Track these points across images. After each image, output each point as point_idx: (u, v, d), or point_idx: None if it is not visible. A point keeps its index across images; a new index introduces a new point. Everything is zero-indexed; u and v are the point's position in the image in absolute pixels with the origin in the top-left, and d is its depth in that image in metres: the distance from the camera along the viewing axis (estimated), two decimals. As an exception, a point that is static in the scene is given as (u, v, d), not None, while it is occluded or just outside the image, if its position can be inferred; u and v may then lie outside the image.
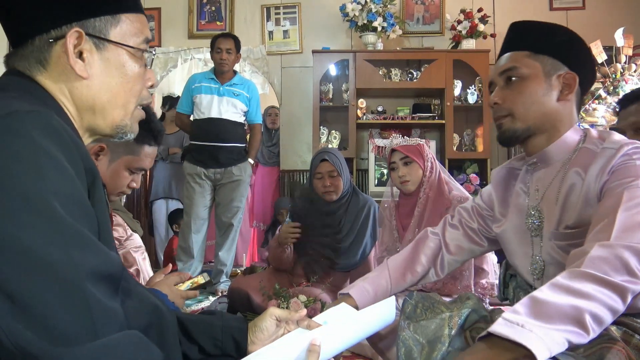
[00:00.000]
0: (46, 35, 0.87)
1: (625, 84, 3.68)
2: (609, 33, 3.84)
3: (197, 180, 3.95)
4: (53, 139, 0.74)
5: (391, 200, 2.58)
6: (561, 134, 1.31)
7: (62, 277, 0.68)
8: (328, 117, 4.93)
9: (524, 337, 0.89)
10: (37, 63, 0.88)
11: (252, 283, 2.69)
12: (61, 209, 0.70)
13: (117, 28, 0.91)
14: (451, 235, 1.59)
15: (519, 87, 1.30)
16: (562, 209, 1.26)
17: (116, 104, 0.93)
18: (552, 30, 1.34)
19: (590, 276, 0.97)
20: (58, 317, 0.67)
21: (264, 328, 1.11)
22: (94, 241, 0.75)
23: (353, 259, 2.71)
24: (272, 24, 5.14)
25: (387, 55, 4.75)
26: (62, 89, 0.89)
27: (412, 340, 1.24)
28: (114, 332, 0.72)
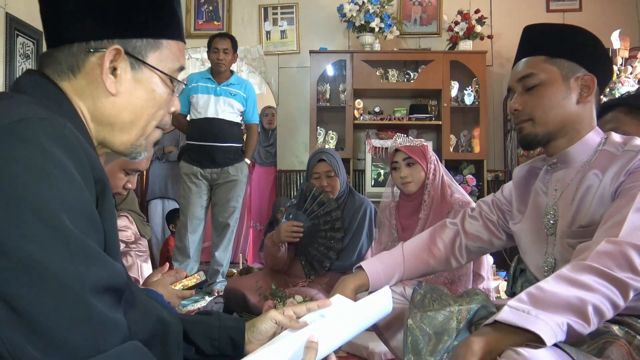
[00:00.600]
0: (86, 44, 0.87)
1: (621, 85, 3.68)
2: (605, 35, 3.84)
3: (193, 180, 3.95)
4: (63, 147, 0.73)
5: (391, 200, 2.58)
6: (582, 135, 1.31)
7: (66, 290, 0.68)
8: (325, 118, 4.93)
9: (530, 322, 0.93)
10: (68, 69, 0.87)
11: (248, 283, 2.69)
12: (68, 220, 0.70)
13: (155, 52, 0.92)
14: (471, 225, 1.60)
15: (538, 93, 1.31)
16: (577, 209, 1.27)
17: (136, 125, 0.93)
18: (566, 33, 1.34)
19: (594, 269, 1.00)
20: (60, 331, 0.67)
21: (263, 330, 1.10)
22: (100, 253, 0.74)
23: (349, 259, 2.71)
24: (270, 24, 5.14)
25: (384, 56, 4.76)
26: (86, 100, 0.89)
27: (420, 330, 1.26)
28: (116, 344, 0.72)
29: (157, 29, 0.92)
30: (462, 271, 2.26)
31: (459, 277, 2.26)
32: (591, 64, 1.31)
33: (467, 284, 2.25)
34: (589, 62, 1.31)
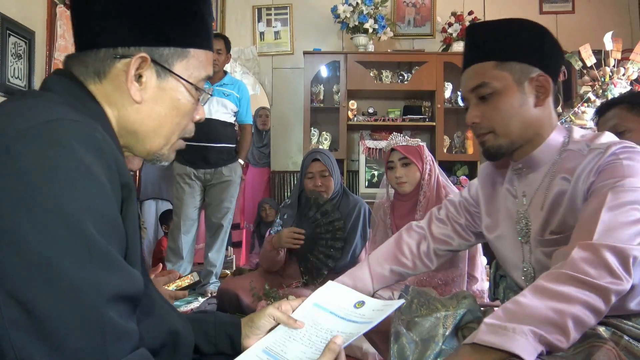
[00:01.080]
0: (113, 50, 0.86)
1: (614, 87, 3.70)
2: (598, 37, 3.86)
3: (186, 180, 3.93)
4: (94, 152, 0.73)
5: (386, 200, 2.57)
6: (545, 137, 1.27)
7: (82, 297, 0.68)
8: (319, 119, 4.93)
9: (509, 342, 0.90)
10: (94, 73, 0.87)
11: (242, 284, 2.68)
12: (92, 226, 0.70)
13: (182, 61, 0.91)
14: (438, 229, 1.57)
15: (494, 103, 1.25)
16: (547, 216, 1.24)
17: (160, 134, 0.93)
18: (512, 32, 1.28)
19: (573, 278, 0.97)
20: (71, 338, 0.67)
21: (261, 326, 1.11)
22: (120, 262, 0.74)
23: (343, 260, 2.70)
24: (264, 25, 5.13)
25: (378, 57, 4.76)
26: (112, 105, 0.89)
27: (406, 337, 1.23)
28: (125, 354, 0.71)
29: (186, 38, 0.91)
30: (456, 272, 2.26)
31: (452, 279, 2.25)
32: (542, 61, 1.26)
33: (462, 285, 2.24)
34: (539, 60, 1.26)
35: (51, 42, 3.78)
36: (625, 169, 1.09)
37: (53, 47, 3.78)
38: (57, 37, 3.79)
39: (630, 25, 4.98)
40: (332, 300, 1.15)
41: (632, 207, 1.04)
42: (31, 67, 3.59)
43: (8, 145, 0.69)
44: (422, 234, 1.57)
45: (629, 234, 1.02)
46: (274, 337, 1.05)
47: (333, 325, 1.06)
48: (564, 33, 4.96)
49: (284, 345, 1.02)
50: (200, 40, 0.94)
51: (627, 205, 1.04)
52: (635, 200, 1.05)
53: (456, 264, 2.25)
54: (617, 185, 1.07)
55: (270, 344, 1.03)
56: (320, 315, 1.10)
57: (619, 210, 1.04)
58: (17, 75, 3.46)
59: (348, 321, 1.08)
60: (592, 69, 3.82)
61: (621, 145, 1.14)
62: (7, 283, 0.65)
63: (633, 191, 1.06)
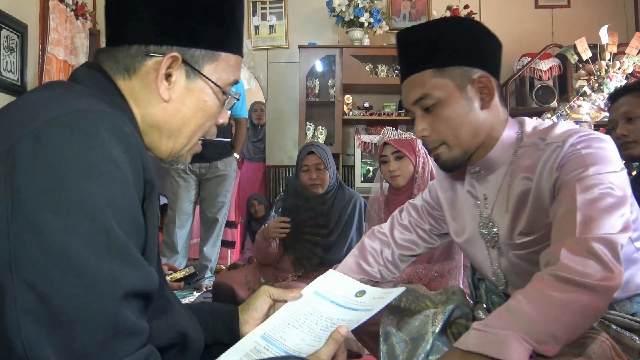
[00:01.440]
0: (145, 47, 0.87)
1: (609, 81, 3.70)
2: (593, 31, 3.87)
3: (181, 174, 3.92)
4: (122, 145, 0.73)
5: (380, 194, 2.57)
6: (497, 137, 1.22)
7: (100, 291, 0.67)
8: (314, 113, 4.91)
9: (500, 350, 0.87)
10: (124, 69, 0.88)
11: (237, 278, 2.67)
12: (114, 220, 0.69)
13: (212, 64, 0.92)
14: (402, 236, 1.52)
15: (440, 114, 1.19)
16: (513, 217, 1.20)
17: (183, 134, 0.93)
18: (445, 35, 1.20)
19: (567, 281, 0.92)
20: (83, 331, 0.66)
21: (258, 306, 1.11)
22: (138, 257, 0.73)
23: (339, 253, 2.69)
24: (259, 19, 5.11)
25: (373, 51, 4.74)
26: (138, 102, 0.89)
27: (396, 336, 1.21)
28: (133, 351, 0.71)
29: (218, 41, 0.92)
30: (452, 264, 2.25)
31: (449, 271, 2.25)
32: (481, 60, 1.20)
33: (458, 277, 2.24)
34: (478, 60, 1.19)
35: (44, 35, 3.75)
36: (587, 158, 1.06)
37: (46, 40, 3.75)
38: (50, 31, 3.76)
39: (626, 18, 4.98)
40: (332, 289, 1.14)
41: (604, 192, 1.01)
42: (24, 61, 3.57)
43: (38, 132, 0.68)
44: (385, 241, 1.53)
45: (610, 221, 0.98)
46: (273, 323, 1.04)
47: (333, 313, 1.05)
48: (559, 27, 4.97)
49: (283, 332, 1.01)
50: (232, 45, 0.94)
51: (598, 192, 1.01)
52: (605, 185, 1.02)
53: (452, 256, 2.25)
54: (583, 175, 1.04)
55: (269, 330, 1.02)
56: (320, 304, 1.09)
57: (592, 199, 1.01)
58: (9, 69, 3.43)
59: (349, 309, 1.07)
60: (587, 62, 3.82)
61: (577, 135, 1.10)
62: (25, 271, 0.65)
63: (600, 178, 1.03)
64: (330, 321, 1.02)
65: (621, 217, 1.00)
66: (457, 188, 1.39)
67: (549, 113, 4.21)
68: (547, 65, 4.55)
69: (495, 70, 1.23)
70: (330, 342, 0.92)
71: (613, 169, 1.05)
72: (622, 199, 1.02)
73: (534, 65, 4.53)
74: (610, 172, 1.04)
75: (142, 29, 0.87)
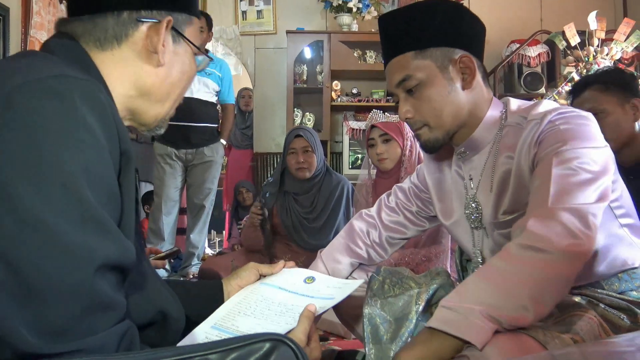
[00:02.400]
0: (136, 13, 0.86)
1: (597, 67, 3.69)
2: (582, 17, 3.86)
3: (167, 160, 3.87)
4: (97, 112, 0.71)
5: (368, 179, 2.56)
6: (481, 117, 1.22)
7: (74, 262, 0.65)
8: (302, 99, 4.88)
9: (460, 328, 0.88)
10: (113, 37, 0.86)
11: (223, 263, 2.66)
12: (88, 188, 0.67)
13: (190, 27, 0.94)
14: (390, 217, 1.51)
15: (422, 95, 1.19)
16: (497, 197, 1.20)
17: (171, 97, 0.95)
18: (426, 17, 1.20)
19: (528, 248, 0.93)
20: (57, 304, 0.64)
21: (244, 276, 1.13)
22: (114, 228, 0.71)
23: (326, 238, 2.68)
24: (246, 4, 5.05)
25: (362, 37, 4.71)
26: (127, 69, 0.88)
27: (380, 317, 1.21)
28: (110, 325, 0.69)
29: (193, 5, 0.95)
30: (439, 249, 2.25)
31: (436, 255, 2.24)
32: (462, 40, 1.20)
33: (445, 261, 2.24)
34: (458, 40, 1.20)
35: (26, 19, 3.67)
36: (565, 133, 1.06)
37: (28, 24, 3.67)
38: (33, 14, 3.68)
39: (614, 4, 4.98)
40: (279, 278, 1.14)
41: (580, 167, 1.01)
42: (6, 45, 3.50)
43: (8, 97, 0.66)
44: (373, 223, 1.52)
45: (585, 193, 0.98)
46: (222, 313, 1.01)
47: (286, 299, 1.05)
48: (547, 12, 4.96)
49: (234, 319, 0.99)
50: (198, 10, 0.98)
51: (575, 166, 1.01)
52: (582, 160, 1.02)
53: (439, 240, 2.25)
54: (560, 149, 1.04)
55: (219, 320, 0.99)
56: (269, 291, 1.08)
57: (568, 172, 1.01)
58: (-9, 52, 3.37)
59: (301, 295, 1.06)
60: (576, 48, 3.81)
61: (556, 112, 1.10)
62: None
63: (577, 152, 1.03)
64: (284, 307, 1.01)
65: (596, 190, 0.99)
66: (444, 170, 1.39)
67: (537, 99, 4.21)
68: (535, 51, 4.55)
69: (477, 50, 1.23)
70: (303, 320, 0.91)
71: (592, 144, 1.05)
72: (599, 174, 1.02)
73: (523, 51, 4.53)
74: (589, 147, 1.04)
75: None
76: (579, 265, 0.95)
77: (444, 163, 1.39)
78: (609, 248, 1.11)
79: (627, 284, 1.13)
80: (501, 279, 0.93)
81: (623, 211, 1.14)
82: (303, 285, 1.11)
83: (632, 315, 1.07)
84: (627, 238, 1.14)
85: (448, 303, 0.94)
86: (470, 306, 0.90)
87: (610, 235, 1.11)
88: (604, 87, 1.99)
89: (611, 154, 1.08)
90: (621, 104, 1.96)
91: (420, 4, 1.24)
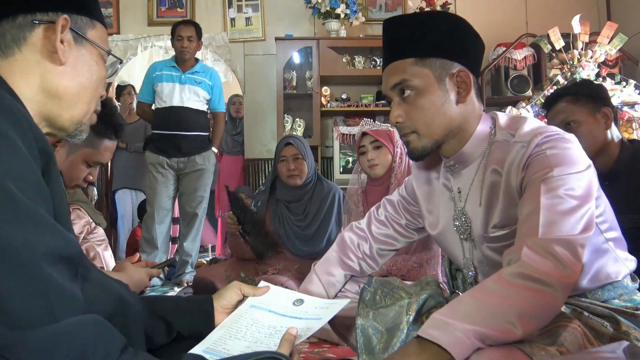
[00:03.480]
0: (31, 15, 0.87)
1: (582, 70, 3.76)
2: (566, 20, 3.91)
3: (159, 169, 3.89)
4: (7, 118, 0.72)
5: (358, 187, 2.59)
6: (471, 132, 1.25)
7: (17, 257, 0.66)
8: (292, 105, 4.91)
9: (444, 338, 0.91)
10: (12, 41, 0.87)
11: (217, 272, 2.68)
12: (16, 189, 0.69)
13: (92, 31, 0.95)
14: (379, 231, 1.55)
15: (415, 102, 1.21)
16: (486, 211, 1.23)
17: (82, 100, 0.95)
18: (431, 27, 1.22)
19: (524, 276, 0.97)
20: (14, 299, 0.65)
21: (227, 296, 1.14)
22: (50, 221, 0.73)
23: (318, 245, 2.72)
24: (234, 11, 5.07)
25: (350, 43, 4.74)
26: (33, 73, 0.88)
27: (372, 328, 1.23)
28: (73, 315, 0.70)
29: (92, 9, 0.96)
30: (430, 254, 2.29)
31: (427, 261, 2.28)
32: (462, 56, 1.23)
33: (436, 267, 2.27)
34: (459, 55, 1.22)
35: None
36: (551, 159, 1.09)
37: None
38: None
39: (598, 8, 5.05)
40: (268, 300, 1.16)
41: (567, 194, 1.05)
42: None
43: None
44: (363, 236, 1.56)
45: (571, 223, 1.02)
46: (214, 338, 1.03)
47: (275, 322, 1.07)
48: (533, 16, 5.02)
49: (225, 343, 1.01)
50: (101, 15, 0.99)
51: (561, 194, 1.05)
52: (568, 187, 1.05)
53: (429, 246, 2.28)
54: (548, 176, 1.07)
55: (211, 345, 1.01)
56: (259, 315, 1.10)
57: (555, 200, 1.04)
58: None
59: (290, 317, 1.09)
60: (560, 52, 3.87)
61: (543, 135, 1.13)
62: None
63: (563, 179, 1.06)
64: (273, 329, 1.04)
65: (582, 218, 1.03)
66: (432, 182, 1.42)
67: (524, 102, 4.27)
68: (521, 54, 4.60)
69: (475, 67, 1.26)
70: (283, 344, 0.93)
71: (577, 169, 1.08)
72: (584, 199, 1.05)
73: (509, 54, 4.58)
74: (574, 173, 1.07)
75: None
76: (567, 294, 0.99)
77: (432, 175, 1.41)
78: (594, 263, 1.15)
79: (610, 292, 1.17)
80: (492, 298, 0.96)
81: (607, 225, 1.18)
82: (292, 307, 1.14)
83: (614, 322, 1.10)
84: (611, 252, 1.18)
85: (440, 315, 0.97)
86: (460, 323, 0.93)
87: (596, 250, 1.15)
88: (574, 99, 2.05)
89: (594, 172, 1.12)
90: (592, 114, 2.02)
91: (428, 13, 1.27)
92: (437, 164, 1.39)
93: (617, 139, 2.05)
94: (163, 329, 1.05)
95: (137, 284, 1.44)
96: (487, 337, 0.92)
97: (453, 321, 0.94)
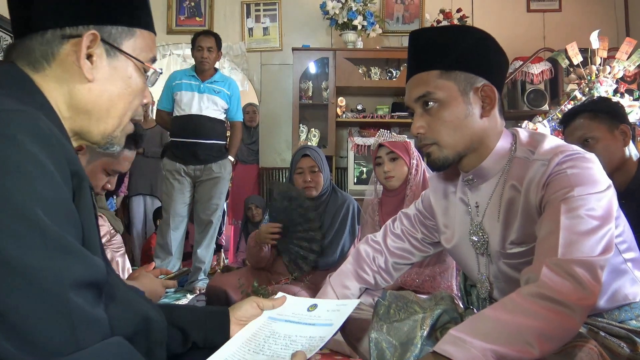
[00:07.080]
0: (60, 30, 0.85)
1: (600, 85, 3.73)
2: (584, 35, 3.90)
3: (176, 176, 3.92)
4: (39, 141, 0.72)
5: (374, 197, 2.59)
6: (492, 147, 1.25)
7: (44, 287, 0.67)
8: (307, 115, 4.93)
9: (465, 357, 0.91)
10: (41, 57, 0.86)
11: (231, 281, 2.68)
12: (45, 216, 0.69)
13: (130, 40, 0.92)
14: (395, 244, 1.55)
15: (438, 114, 1.22)
16: (504, 226, 1.23)
17: (113, 114, 0.92)
18: (456, 39, 1.23)
19: (543, 296, 0.96)
20: (39, 329, 0.66)
21: (245, 309, 1.14)
22: (78, 248, 0.73)
23: (332, 256, 2.71)
24: (252, 21, 5.12)
25: (366, 54, 4.77)
26: (62, 88, 0.87)
27: (385, 342, 1.23)
28: (97, 340, 0.71)
29: (131, 17, 0.92)
30: (443, 267, 2.28)
31: (440, 273, 2.27)
32: (487, 70, 1.23)
33: (450, 279, 2.26)
34: (484, 69, 1.23)
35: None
36: (572, 179, 1.09)
37: None
38: None
39: (616, 23, 5.03)
40: (284, 310, 1.17)
41: (587, 214, 1.04)
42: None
43: None
44: (379, 249, 1.56)
45: (591, 244, 1.02)
46: (231, 351, 1.04)
47: (291, 331, 1.08)
48: (550, 31, 5.01)
49: (244, 357, 1.02)
50: (145, 21, 0.95)
51: (581, 214, 1.04)
52: (589, 207, 1.05)
53: (443, 259, 2.27)
54: (568, 196, 1.06)
55: (229, 358, 1.02)
56: (277, 326, 1.11)
57: (575, 221, 1.03)
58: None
59: (305, 325, 1.10)
60: (578, 67, 3.84)
61: (564, 154, 1.12)
62: None
63: (584, 199, 1.06)
64: (289, 339, 1.05)
65: (602, 239, 1.03)
66: (450, 196, 1.42)
67: (541, 116, 4.25)
68: (538, 69, 4.59)
69: (499, 82, 1.26)
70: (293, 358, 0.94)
71: (597, 189, 1.08)
72: (604, 220, 1.05)
73: (526, 68, 4.57)
74: (595, 193, 1.07)
75: (53, 12, 0.85)
76: (586, 316, 0.99)
77: (449, 189, 1.42)
78: (612, 283, 1.15)
79: (627, 313, 1.16)
80: (510, 317, 0.96)
81: (626, 245, 1.17)
82: (307, 313, 1.15)
83: (631, 343, 1.09)
84: (630, 273, 1.17)
85: (456, 332, 0.96)
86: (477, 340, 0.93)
87: (614, 270, 1.15)
88: (593, 115, 2.05)
89: (614, 192, 1.11)
90: (610, 131, 2.02)
91: (454, 26, 1.29)
92: (454, 177, 1.39)
93: (635, 157, 2.04)
94: (180, 338, 1.05)
95: (152, 294, 1.46)
96: (503, 356, 0.92)
97: (470, 338, 0.93)
